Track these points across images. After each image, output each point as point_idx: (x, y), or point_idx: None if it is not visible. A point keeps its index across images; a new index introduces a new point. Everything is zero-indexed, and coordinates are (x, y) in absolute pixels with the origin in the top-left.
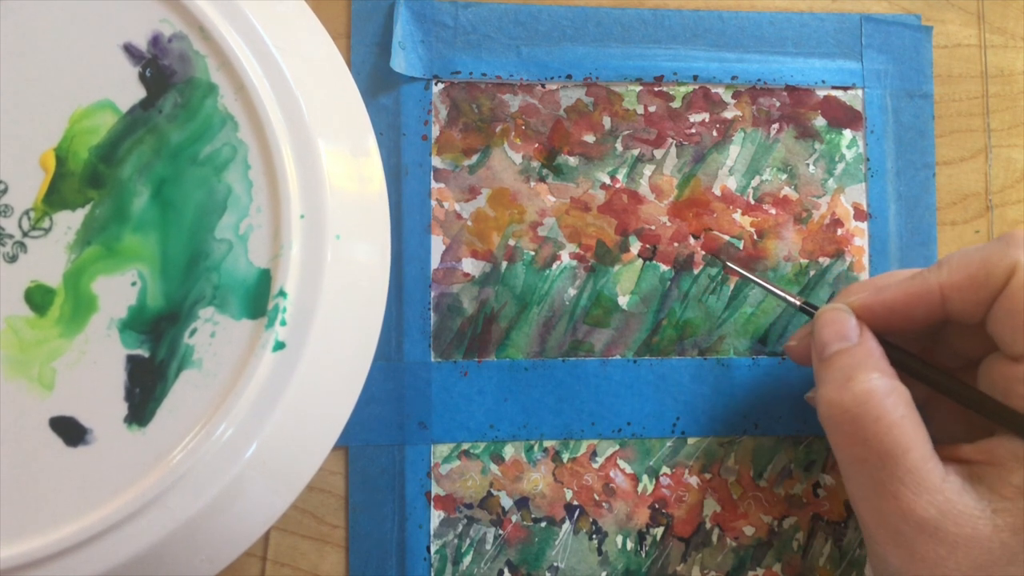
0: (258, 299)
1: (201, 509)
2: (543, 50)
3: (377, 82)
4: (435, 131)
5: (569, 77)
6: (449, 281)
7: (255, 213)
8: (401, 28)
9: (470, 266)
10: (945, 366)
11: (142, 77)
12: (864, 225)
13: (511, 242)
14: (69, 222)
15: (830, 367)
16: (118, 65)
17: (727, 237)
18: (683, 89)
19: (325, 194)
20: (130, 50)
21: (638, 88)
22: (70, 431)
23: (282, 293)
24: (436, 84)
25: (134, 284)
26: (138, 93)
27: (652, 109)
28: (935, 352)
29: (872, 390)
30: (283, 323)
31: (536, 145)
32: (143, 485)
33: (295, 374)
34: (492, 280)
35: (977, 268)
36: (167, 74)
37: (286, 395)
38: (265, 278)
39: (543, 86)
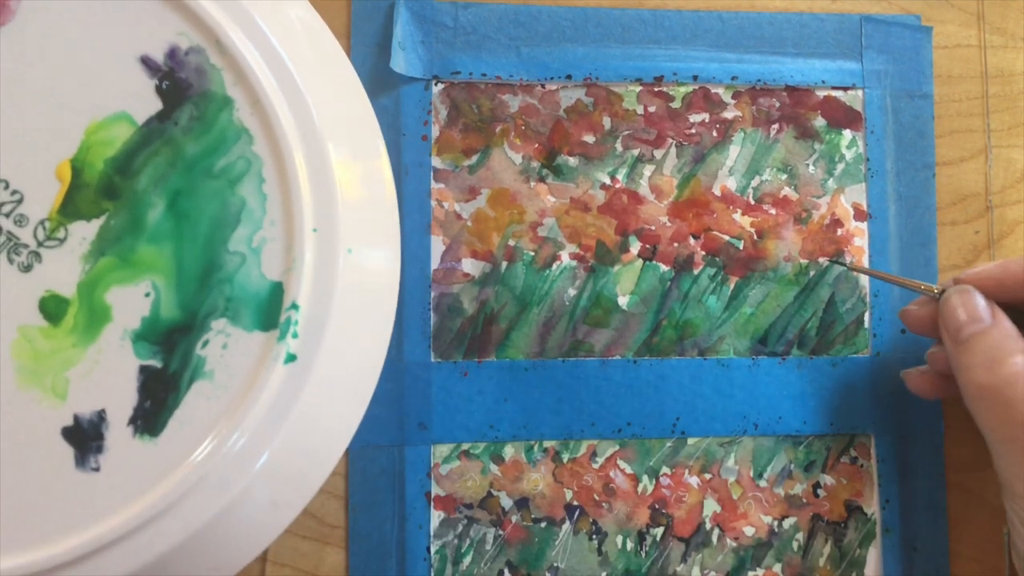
0: (270, 312)
1: (210, 519)
2: (543, 50)
3: (377, 82)
4: (435, 131)
5: (569, 77)
6: (449, 281)
7: (268, 226)
8: (401, 28)
9: (470, 266)
10: None
11: (159, 89)
12: (864, 225)
13: (511, 242)
14: (84, 232)
15: (969, 351)
16: (135, 77)
17: (727, 237)
18: (683, 89)
19: (337, 208)
20: (147, 63)
21: (638, 88)
22: (82, 440)
23: (294, 306)
24: (436, 84)
25: (148, 295)
26: (154, 105)
27: (652, 109)
28: None
29: (1018, 373)
30: (295, 336)
31: (536, 145)
32: (154, 496)
33: (306, 385)
34: (492, 280)
35: None
36: (183, 87)
37: (297, 406)
38: (277, 291)
39: (543, 86)
